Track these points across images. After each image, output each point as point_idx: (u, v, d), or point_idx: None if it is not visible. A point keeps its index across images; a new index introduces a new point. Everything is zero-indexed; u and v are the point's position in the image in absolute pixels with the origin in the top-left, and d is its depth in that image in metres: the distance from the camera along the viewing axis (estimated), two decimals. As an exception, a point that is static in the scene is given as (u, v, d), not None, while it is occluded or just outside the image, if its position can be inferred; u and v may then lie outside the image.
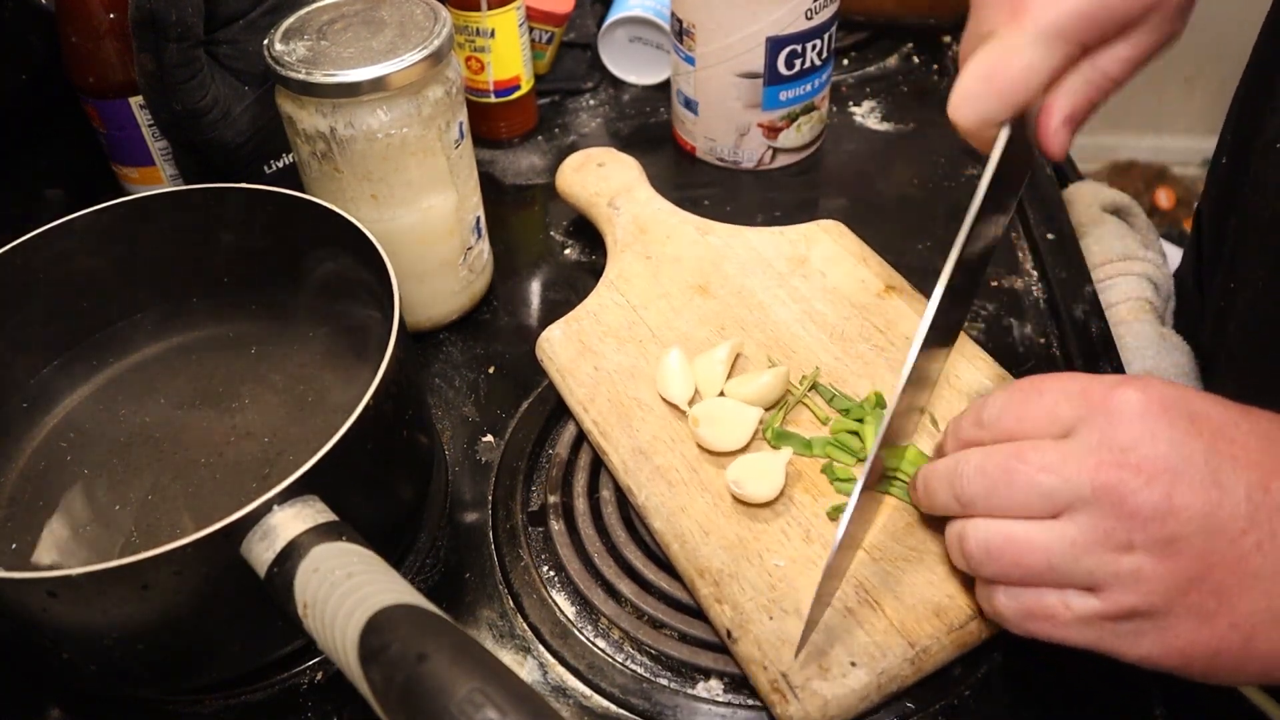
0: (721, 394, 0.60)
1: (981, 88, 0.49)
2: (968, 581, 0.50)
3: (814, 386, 0.60)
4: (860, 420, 0.58)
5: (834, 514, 0.53)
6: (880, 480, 0.52)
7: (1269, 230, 0.63)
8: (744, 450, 0.57)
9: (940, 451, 0.50)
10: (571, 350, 0.64)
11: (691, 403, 0.59)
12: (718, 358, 0.61)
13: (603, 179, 0.76)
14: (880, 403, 0.59)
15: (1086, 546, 0.41)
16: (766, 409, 0.59)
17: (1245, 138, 0.69)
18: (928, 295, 0.65)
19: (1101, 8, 0.47)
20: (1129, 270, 0.77)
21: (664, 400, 0.60)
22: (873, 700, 0.48)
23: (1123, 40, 0.49)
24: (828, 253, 0.69)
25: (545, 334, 0.65)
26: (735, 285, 0.67)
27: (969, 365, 0.60)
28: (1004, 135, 0.50)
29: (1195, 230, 0.82)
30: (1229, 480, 0.39)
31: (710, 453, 0.57)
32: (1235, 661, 0.40)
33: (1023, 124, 0.51)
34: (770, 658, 0.48)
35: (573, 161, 0.78)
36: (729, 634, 0.50)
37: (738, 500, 0.55)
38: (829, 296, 0.66)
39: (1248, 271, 0.66)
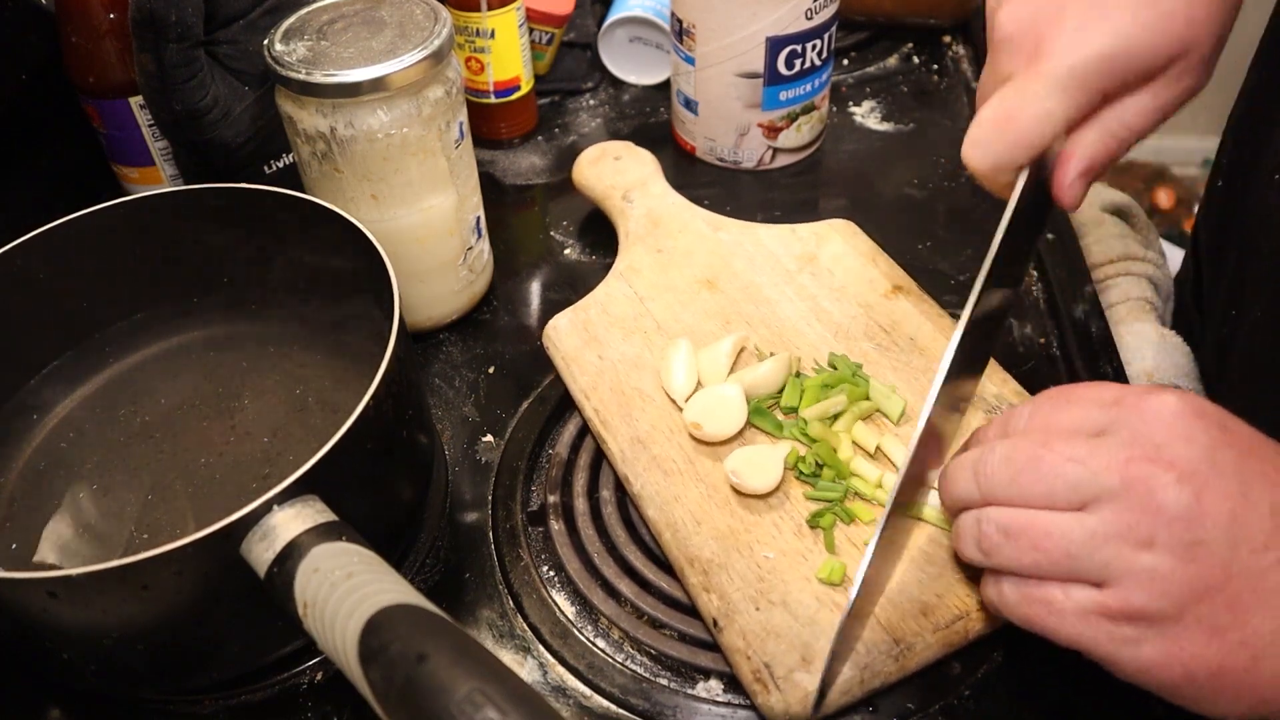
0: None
1: (996, 132, 0.48)
2: (956, 583, 0.50)
3: (798, 374, 0.61)
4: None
5: (813, 521, 0.53)
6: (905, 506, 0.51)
7: (1272, 264, 0.63)
8: (740, 437, 0.57)
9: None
10: (577, 339, 0.64)
11: (689, 398, 0.59)
12: (722, 350, 0.61)
13: (618, 172, 0.76)
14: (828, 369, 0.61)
15: (1106, 538, 0.40)
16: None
17: (1245, 165, 0.68)
18: (933, 296, 0.65)
19: (1123, 54, 0.45)
20: (1129, 270, 0.77)
21: (666, 392, 0.60)
22: (855, 694, 0.48)
23: (1144, 90, 0.47)
24: (837, 251, 0.69)
25: (552, 322, 0.66)
26: (743, 281, 0.67)
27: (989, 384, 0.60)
28: (1021, 182, 0.48)
29: (1194, 244, 0.82)
30: (1257, 494, 0.39)
31: (708, 444, 0.57)
32: (1237, 683, 0.39)
33: (1039, 169, 0.49)
34: (754, 648, 0.48)
35: (589, 154, 0.78)
36: (715, 623, 0.50)
37: (735, 491, 0.55)
38: (836, 295, 0.66)
39: (1250, 304, 0.65)
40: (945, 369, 0.46)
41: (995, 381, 0.60)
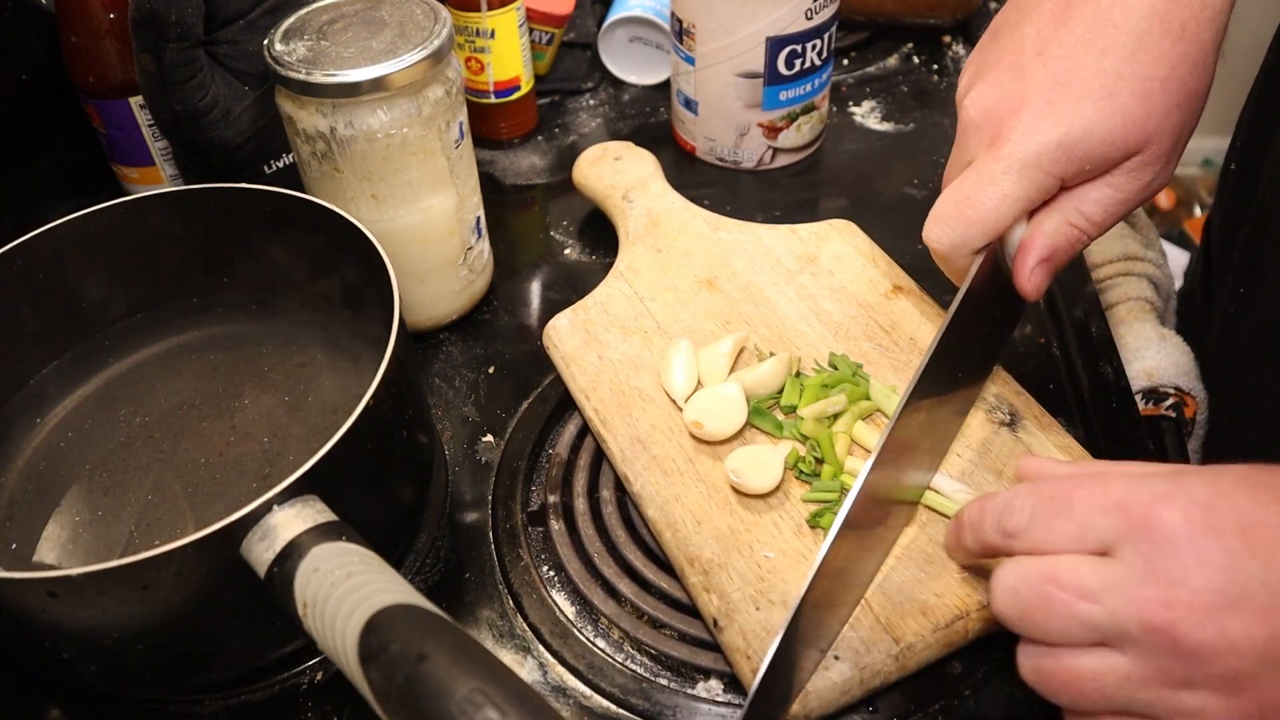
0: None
1: (954, 213, 0.49)
2: (956, 583, 0.50)
3: (798, 374, 0.61)
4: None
5: (813, 521, 0.53)
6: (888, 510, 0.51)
7: None
8: (740, 436, 0.57)
9: (958, 536, 0.47)
10: (577, 339, 0.64)
11: (689, 398, 0.59)
12: (721, 350, 0.61)
13: (618, 172, 0.76)
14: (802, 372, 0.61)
15: (1143, 681, 0.37)
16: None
17: (1258, 143, 0.69)
18: (933, 296, 0.66)
19: (1080, 142, 0.46)
20: (1129, 270, 0.77)
21: (666, 391, 0.60)
22: (854, 695, 0.48)
23: (1104, 181, 0.48)
24: (838, 252, 0.69)
25: (552, 322, 0.66)
26: (743, 281, 0.67)
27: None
28: (976, 264, 0.49)
29: (1204, 244, 0.82)
30: None
31: (707, 443, 0.57)
32: None
33: (1002, 257, 0.51)
34: (754, 647, 0.48)
35: (590, 154, 0.78)
36: (715, 623, 0.50)
37: (735, 491, 0.55)
38: (836, 295, 0.66)
39: (1262, 274, 0.65)
40: (899, 409, 0.47)
41: (996, 381, 0.60)
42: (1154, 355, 0.71)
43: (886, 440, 0.47)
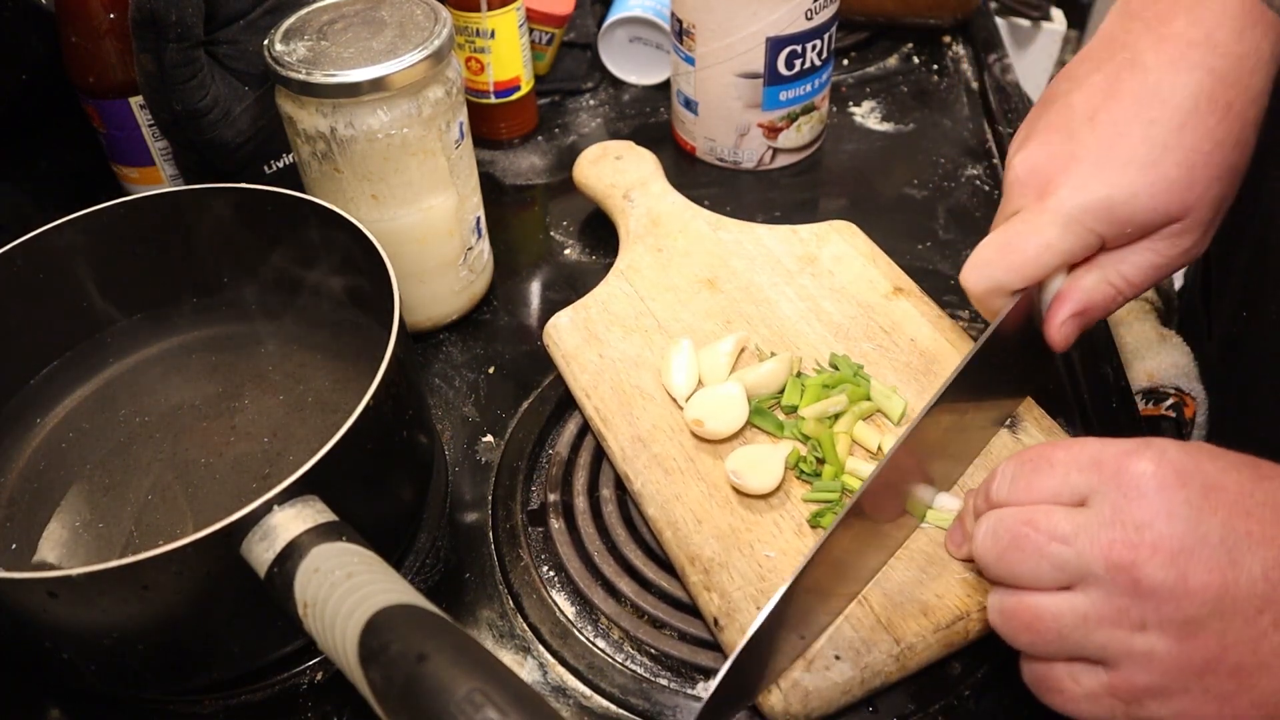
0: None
1: (995, 256, 0.51)
2: (956, 583, 0.50)
3: (799, 374, 0.61)
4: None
5: (814, 521, 0.53)
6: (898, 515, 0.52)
7: None
8: (741, 436, 0.57)
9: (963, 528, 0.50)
10: (578, 337, 0.64)
11: (689, 397, 0.59)
12: (723, 350, 0.61)
13: (619, 172, 0.76)
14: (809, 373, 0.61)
15: (1099, 621, 0.40)
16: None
17: (1257, 162, 0.68)
18: (933, 297, 0.66)
19: (1124, 204, 0.48)
20: (1129, 270, 0.77)
21: (666, 390, 0.60)
22: (855, 694, 0.48)
23: (1144, 245, 0.50)
24: (838, 252, 0.69)
25: (553, 320, 0.66)
26: (743, 281, 0.67)
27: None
28: (1008, 306, 0.51)
29: None
30: (1245, 558, 0.38)
31: (708, 442, 0.57)
32: None
33: (1037, 307, 0.52)
34: None
35: (590, 154, 0.78)
36: (716, 622, 0.50)
37: (735, 490, 0.55)
38: (836, 295, 0.66)
39: (1263, 305, 0.65)
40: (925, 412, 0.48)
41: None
42: (1154, 356, 0.71)
43: (895, 450, 0.48)
